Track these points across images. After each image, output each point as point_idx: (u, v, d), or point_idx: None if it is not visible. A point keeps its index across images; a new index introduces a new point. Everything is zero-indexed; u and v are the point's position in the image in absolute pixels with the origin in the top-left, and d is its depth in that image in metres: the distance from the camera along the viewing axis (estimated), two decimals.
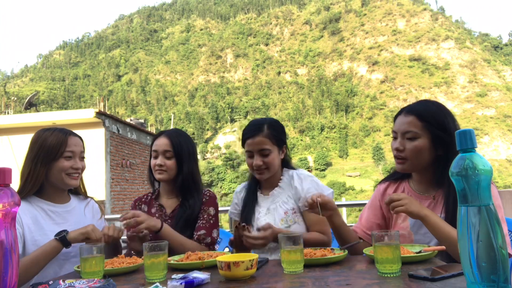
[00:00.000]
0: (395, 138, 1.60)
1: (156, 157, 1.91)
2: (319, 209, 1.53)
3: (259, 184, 2.00)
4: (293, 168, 1.98)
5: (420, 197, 1.59)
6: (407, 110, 1.58)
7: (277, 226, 1.78)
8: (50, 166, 1.66)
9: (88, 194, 1.95)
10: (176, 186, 1.92)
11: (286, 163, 1.99)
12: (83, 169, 1.76)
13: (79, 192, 1.88)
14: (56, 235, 1.53)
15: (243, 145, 1.92)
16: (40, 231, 1.60)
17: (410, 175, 1.68)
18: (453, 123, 1.54)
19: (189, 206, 1.86)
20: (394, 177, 1.74)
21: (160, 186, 2.01)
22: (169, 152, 1.88)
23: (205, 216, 1.88)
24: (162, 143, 1.90)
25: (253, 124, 1.90)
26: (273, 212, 1.87)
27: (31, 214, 1.62)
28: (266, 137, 1.83)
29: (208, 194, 1.96)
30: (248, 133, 1.87)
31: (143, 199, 2.05)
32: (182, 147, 1.90)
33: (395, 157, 1.59)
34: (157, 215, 1.91)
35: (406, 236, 1.56)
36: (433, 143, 1.51)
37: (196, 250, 1.64)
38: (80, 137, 1.78)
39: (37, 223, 1.61)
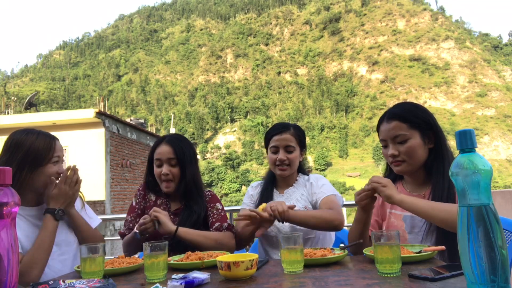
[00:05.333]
0: (385, 146, 1.63)
1: (160, 166, 1.90)
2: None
3: (275, 183, 2.10)
4: (307, 174, 2.10)
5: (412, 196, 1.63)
6: (388, 117, 1.62)
7: None
8: (36, 171, 1.59)
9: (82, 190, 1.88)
10: (179, 193, 1.92)
11: (301, 168, 2.09)
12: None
13: None
14: (57, 217, 1.58)
15: (267, 142, 2.03)
16: (22, 234, 1.55)
17: (403, 177, 1.72)
18: (431, 116, 1.62)
19: (194, 212, 1.88)
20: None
21: None
22: (173, 160, 1.88)
23: (214, 211, 1.93)
24: (165, 151, 1.89)
25: (280, 124, 2.04)
26: None
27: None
28: (292, 135, 1.97)
29: (209, 194, 2.00)
30: (276, 130, 2.00)
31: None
32: (185, 153, 1.90)
33: (391, 163, 1.62)
34: (162, 207, 1.93)
35: (400, 235, 1.53)
36: (422, 139, 1.57)
37: (219, 238, 1.75)
38: (59, 141, 1.75)
39: (18, 227, 1.54)
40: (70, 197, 1.62)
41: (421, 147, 1.56)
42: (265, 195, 2.03)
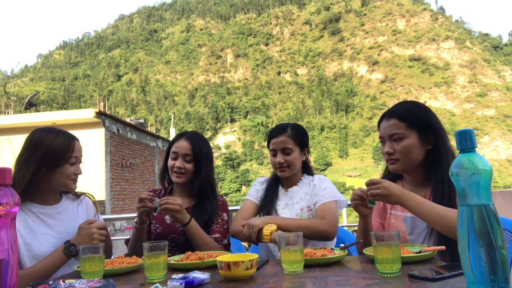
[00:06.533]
0: (383, 143, 1.65)
1: (175, 159, 1.94)
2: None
3: (280, 181, 2.13)
4: (312, 174, 2.13)
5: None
6: (388, 115, 1.63)
7: None
8: (53, 171, 1.61)
9: (84, 190, 1.90)
10: (194, 190, 1.96)
11: (306, 168, 2.12)
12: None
13: (70, 191, 1.83)
14: (65, 250, 1.55)
15: (268, 145, 2.08)
16: (31, 235, 1.57)
17: (403, 176, 1.71)
18: (434, 117, 1.60)
19: (207, 211, 1.91)
20: (387, 179, 1.72)
21: (174, 185, 2.04)
22: (189, 156, 1.92)
23: (219, 221, 1.94)
24: (183, 146, 1.94)
25: (278, 126, 2.07)
26: (290, 207, 2.00)
27: (21, 218, 1.58)
28: (289, 137, 1.98)
29: (221, 199, 2.03)
30: (273, 133, 2.03)
31: (157, 192, 2.09)
32: (201, 152, 1.95)
33: (387, 160, 1.64)
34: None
35: (400, 236, 1.54)
36: (420, 139, 1.56)
37: (216, 250, 1.74)
38: (79, 141, 1.76)
39: (28, 227, 1.58)
40: (87, 240, 1.59)
41: (417, 147, 1.56)
42: (270, 193, 2.07)
